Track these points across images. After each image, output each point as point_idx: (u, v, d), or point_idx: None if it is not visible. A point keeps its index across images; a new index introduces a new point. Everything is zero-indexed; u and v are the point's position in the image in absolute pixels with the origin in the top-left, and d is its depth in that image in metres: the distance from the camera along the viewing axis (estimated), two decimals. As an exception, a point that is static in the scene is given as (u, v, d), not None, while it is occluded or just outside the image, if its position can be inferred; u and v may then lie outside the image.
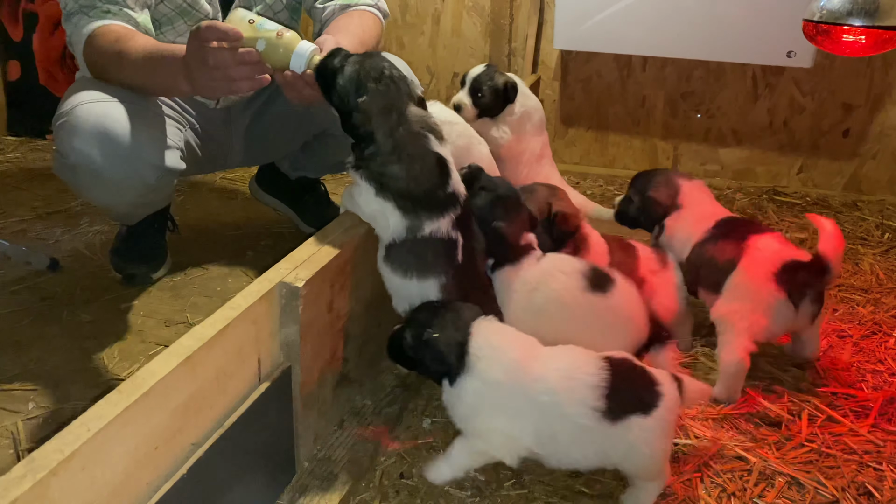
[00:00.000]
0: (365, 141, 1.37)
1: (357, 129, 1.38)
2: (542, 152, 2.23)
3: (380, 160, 1.35)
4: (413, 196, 1.35)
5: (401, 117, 1.37)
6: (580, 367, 1.27)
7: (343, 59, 1.43)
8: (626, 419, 1.24)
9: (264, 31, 1.49)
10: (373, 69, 1.39)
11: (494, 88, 2.13)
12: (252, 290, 1.20)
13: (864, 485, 1.39)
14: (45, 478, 0.80)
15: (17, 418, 1.55)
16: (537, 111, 2.23)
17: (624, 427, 1.24)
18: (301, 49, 1.48)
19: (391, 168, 1.35)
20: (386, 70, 1.40)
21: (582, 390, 1.24)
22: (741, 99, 2.87)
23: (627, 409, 1.24)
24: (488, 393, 1.26)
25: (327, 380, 1.42)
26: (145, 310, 1.98)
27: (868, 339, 1.86)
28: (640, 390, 1.27)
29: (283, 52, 1.49)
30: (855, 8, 1.61)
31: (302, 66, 1.49)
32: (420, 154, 1.36)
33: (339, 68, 1.41)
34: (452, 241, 1.38)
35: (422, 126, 1.39)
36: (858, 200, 2.76)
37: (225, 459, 1.11)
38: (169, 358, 1.01)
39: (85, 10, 1.67)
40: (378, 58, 1.43)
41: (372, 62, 1.41)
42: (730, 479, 1.40)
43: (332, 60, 1.43)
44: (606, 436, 1.25)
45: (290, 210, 2.46)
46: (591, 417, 1.23)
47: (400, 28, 3.19)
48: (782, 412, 1.58)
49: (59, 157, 1.68)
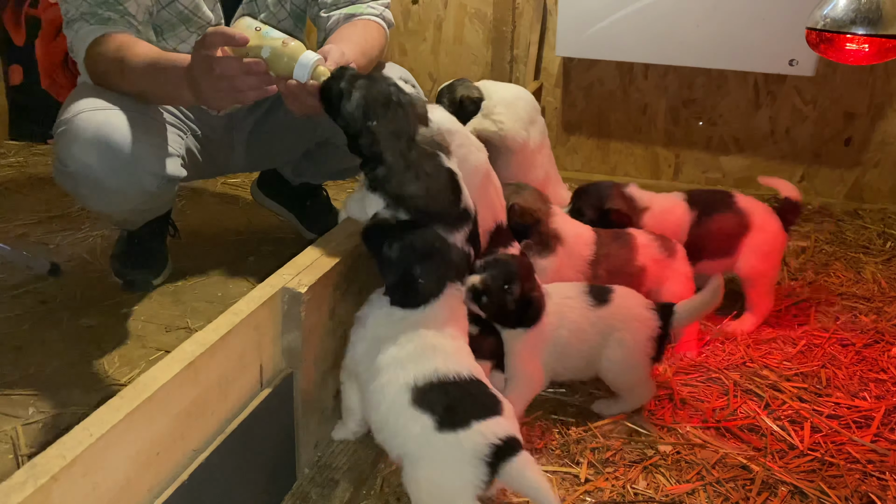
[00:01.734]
0: (372, 161, 1.37)
1: (364, 150, 1.38)
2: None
3: (395, 182, 1.34)
4: (430, 213, 1.34)
5: (411, 142, 1.37)
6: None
7: (349, 83, 1.40)
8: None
9: (270, 39, 1.49)
10: (380, 95, 1.38)
11: (452, 101, 2.12)
12: (254, 296, 1.20)
13: (867, 494, 1.38)
14: (47, 483, 0.80)
15: (17, 423, 1.55)
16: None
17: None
18: (305, 59, 1.47)
19: (409, 188, 1.34)
20: (393, 96, 1.39)
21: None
22: (743, 107, 2.87)
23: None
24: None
25: (329, 386, 1.41)
26: (146, 315, 1.98)
27: (870, 347, 1.85)
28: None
29: (287, 61, 1.48)
30: (858, 16, 1.61)
31: (305, 76, 1.48)
32: (435, 173, 1.36)
33: (345, 92, 1.40)
34: (467, 255, 1.38)
35: (432, 145, 1.39)
36: (860, 209, 2.76)
37: (226, 465, 1.11)
38: (171, 363, 1.01)
39: (86, 17, 1.67)
40: (384, 82, 1.41)
41: (379, 88, 1.39)
42: (732, 488, 1.39)
43: (337, 83, 1.41)
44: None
45: (291, 215, 2.46)
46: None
47: (402, 35, 3.19)
48: (785, 421, 1.57)
49: (60, 164, 1.67)
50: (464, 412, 1.20)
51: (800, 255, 2.36)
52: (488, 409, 1.21)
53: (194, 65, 1.45)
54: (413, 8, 3.14)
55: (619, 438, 1.51)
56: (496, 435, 1.18)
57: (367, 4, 1.94)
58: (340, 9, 1.94)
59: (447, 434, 1.18)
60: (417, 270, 1.29)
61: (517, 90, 2.10)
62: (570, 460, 1.45)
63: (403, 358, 1.26)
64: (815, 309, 2.02)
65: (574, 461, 1.45)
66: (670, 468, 1.43)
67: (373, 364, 1.27)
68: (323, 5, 1.96)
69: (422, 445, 1.21)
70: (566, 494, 1.36)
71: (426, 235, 1.32)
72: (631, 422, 1.56)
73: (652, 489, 1.38)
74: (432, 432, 1.19)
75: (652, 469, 1.43)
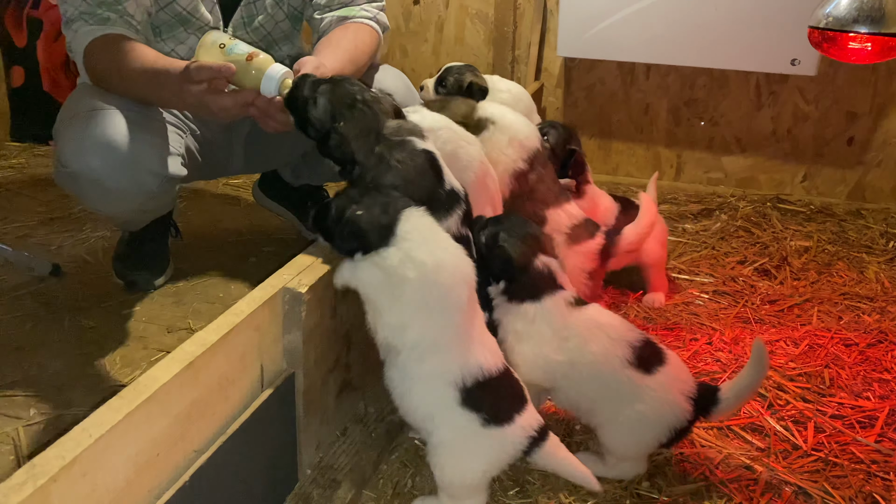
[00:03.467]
0: (348, 164, 1.38)
1: (335, 152, 1.39)
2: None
3: (370, 177, 1.35)
4: (415, 199, 1.34)
5: (379, 136, 1.37)
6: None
7: (312, 90, 1.41)
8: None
9: (234, 56, 1.49)
10: (345, 96, 1.39)
11: (459, 84, 2.13)
12: (255, 296, 1.19)
13: (871, 494, 1.38)
14: (46, 484, 0.79)
15: (19, 424, 1.54)
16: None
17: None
18: (271, 72, 1.47)
19: (384, 179, 1.34)
20: (357, 95, 1.39)
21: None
22: (745, 107, 2.86)
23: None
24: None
25: (330, 387, 1.41)
26: (147, 316, 1.98)
27: (874, 347, 1.85)
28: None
29: (254, 75, 1.48)
30: (861, 15, 1.60)
31: (273, 90, 1.47)
32: (408, 159, 1.36)
33: (309, 99, 1.40)
34: (465, 238, 1.37)
35: (400, 133, 1.38)
36: (863, 209, 2.75)
37: (227, 466, 1.10)
38: (171, 364, 1.00)
39: (85, 17, 1.67)
40: (347, 83, 1.42)
41: (343, 89, 1.40)
42: (736, 488, 1.38)
43: (300, 91, 1.42)
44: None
45: (292, 216, 2.45)
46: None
47: (403, 36, 3.19)
48: (788, 421, 1.57)
49: (60, 166, 1.67)
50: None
51: (802, 254, 2.35)
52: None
53: (187, 98, 1.50)
54: (414, 9, 3.14)
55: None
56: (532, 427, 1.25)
57: (361, 7, 1.93)
58: (333, 11, 1.92)
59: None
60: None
61: (514, 87, 2.13)
62: (572, 461, 1.44)
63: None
64: (818, 309, 2.02)
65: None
66: (674, 469, 1.43)
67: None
68: (317, 7, 1.95)
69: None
70: (569, 495, 1.35)
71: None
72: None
73: (655, 490, 1.37)
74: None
75: (655, 470, 1.42)
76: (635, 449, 1.38)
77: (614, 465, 1.39)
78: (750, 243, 2.43)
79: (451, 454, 1.24)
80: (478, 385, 1.23)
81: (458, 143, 1.53)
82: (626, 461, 1.40)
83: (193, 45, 1.84)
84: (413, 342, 1.23)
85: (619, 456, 1.39)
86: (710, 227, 2.56)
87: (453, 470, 1.25)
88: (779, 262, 2.29)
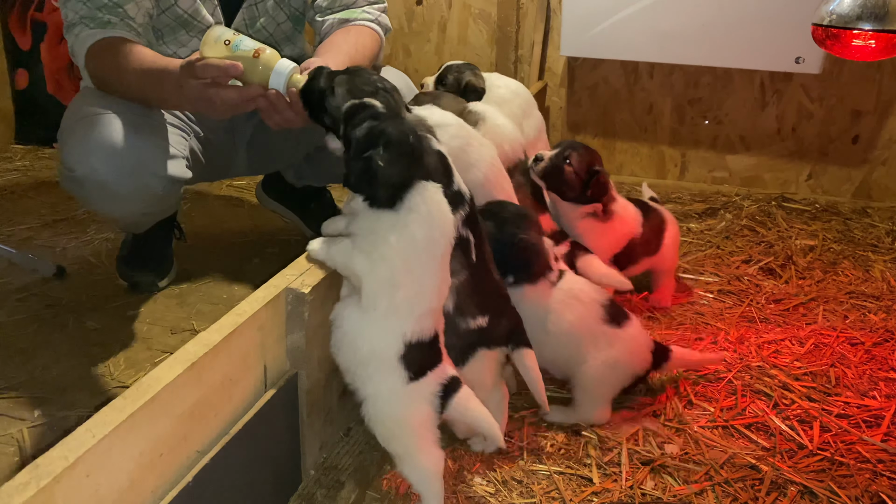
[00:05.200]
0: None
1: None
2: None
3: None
4: None
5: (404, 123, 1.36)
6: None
7: (329, 80, 1.39)
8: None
9: (240, 52, 1.47)
10: (365, 83, 1.37)
11: (458, 83, 2.12)
12: (258, 297, 1.19)
13: (877, 494, 1.37)
14: (50, 485, 0.79)
15: (23, 425, 1.55)
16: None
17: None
18: (280, 68, 1.46)
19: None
20: (378, 83, 1.38)
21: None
22: (749, 105, 2.86)
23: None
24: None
25: (334, 387, 1.40)
26: (151, 317, 1.98)
27: (880, 346, 1.84)
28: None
29: (261, 71, 1.47)
30: (865, 12, 1.60)
31: (281, 85, 1.47)
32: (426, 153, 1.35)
33: (326, 89, 1.39)
34: (465, 239, 1.37)
35: (421, 128, 1.38)
36: (868, 207, 2.74)
37: (230, 467, 1.10)
38: (174, 364, 1.00)
39: (85, 21, 1.67)
40: (365, 73, 1.41)
41: (362, 77, 1.39)
42: (741, 488, 1.38)
43: (316, 82, 1.41)
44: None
45: (296, 217, 2.45)
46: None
47: (406, 36, 3.19)
48: (794, 421, 1.56)
49: (65, 169, 1.67)
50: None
51: (808, 253, 2.34)
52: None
53: (189, 94, 1.49)
54: (417, 9, 3.14)
55: (626, 438, 1.50)
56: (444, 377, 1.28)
57: (363, 9, 1.92)
58: (335, 13, 1.92)
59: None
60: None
61: (511, 83, 2.14)
62: (575, 461, 1.44)
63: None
64: (823, 308, 2.01)
65: (580, 462, 1.44)
66: (678, 468, 1.42)
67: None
68: (318, 9, 1.94)
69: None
70: (573, 496, 1.35)
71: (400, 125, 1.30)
72: (637, 422, 1.55)
73: (660, 490, 1.37)
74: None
75: (660, 469, 1.42)
76: (604, 389, 1.55)
77: (581, 410, 1.55)
78: (755, 242, 2.42)
79: (383, 405, 1.25)
80: (417, 344, 1.24)
81: (467, 141, 1.54)
82: (593, 405, 1.55)
83: (195, 48, 1.84)
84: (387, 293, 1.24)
85: (590, 395, 1.54)
86: (714, 226, 2.56)
87: (384, 419, 1.25)
88: (784, 261, 2.28)
